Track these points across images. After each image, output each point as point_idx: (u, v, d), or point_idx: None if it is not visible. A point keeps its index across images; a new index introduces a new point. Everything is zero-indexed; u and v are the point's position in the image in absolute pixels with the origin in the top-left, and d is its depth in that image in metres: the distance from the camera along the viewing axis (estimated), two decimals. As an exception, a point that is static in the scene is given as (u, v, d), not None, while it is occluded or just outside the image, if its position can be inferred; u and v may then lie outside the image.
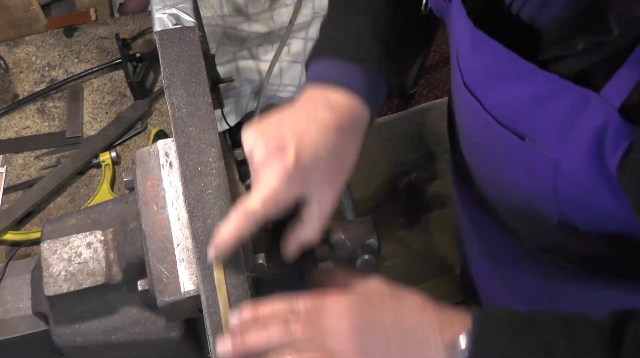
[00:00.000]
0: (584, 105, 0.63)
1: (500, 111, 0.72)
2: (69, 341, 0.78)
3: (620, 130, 0.61)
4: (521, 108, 0.69)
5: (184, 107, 0.79)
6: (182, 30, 0.85)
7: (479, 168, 0.90)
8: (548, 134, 0.68)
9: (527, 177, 0.76)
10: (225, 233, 0.68)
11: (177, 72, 0.81)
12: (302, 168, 0.68)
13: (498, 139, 0.74)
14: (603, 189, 0.68)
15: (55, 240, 0.77)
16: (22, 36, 1.34)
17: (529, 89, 0.67)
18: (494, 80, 0.71)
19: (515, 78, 0.68)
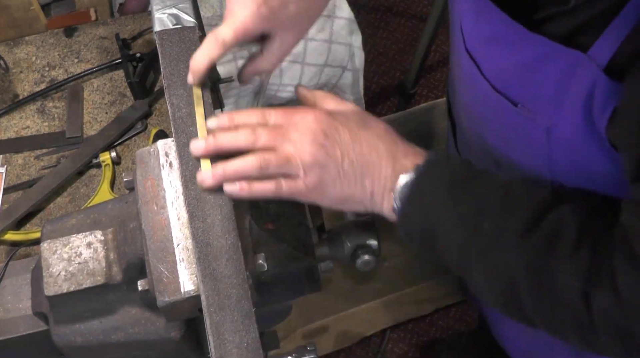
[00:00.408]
0: (574, 67, 0.65)
1: (497, 77, 0.75)
2: (69, 341, 0.78)
3: (607, 89, 0.63)
4: (515, 73, 0.72)
5: (184, 107, 0.79)
6: (182, 30, 0.85)
7: (479, 143, 0.92)
8: (540, 100, 0.71)
9: (522, 146, 0.78)
10: (198, 57, 0.77)
11: (177, 72, 0.81)
12: (270, 7, 0.76)
13: (494, 106, 0.77)
14: (594, 151, 0.70)
15: (55, 240, 0.77)
16: (22, 36, 1.33)
17: (521, 52, 0.70)
18: (492, 44, 0.74)
19: (509, 42, 0.71)
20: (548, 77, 0.68)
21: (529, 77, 0.70)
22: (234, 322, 0.69)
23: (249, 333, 0.68)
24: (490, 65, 0.77)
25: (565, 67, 0.66)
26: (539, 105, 0.72)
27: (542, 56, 0.68)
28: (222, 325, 0.70)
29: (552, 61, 0.67)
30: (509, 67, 0.73)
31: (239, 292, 0.69)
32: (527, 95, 0.72)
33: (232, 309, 0.68)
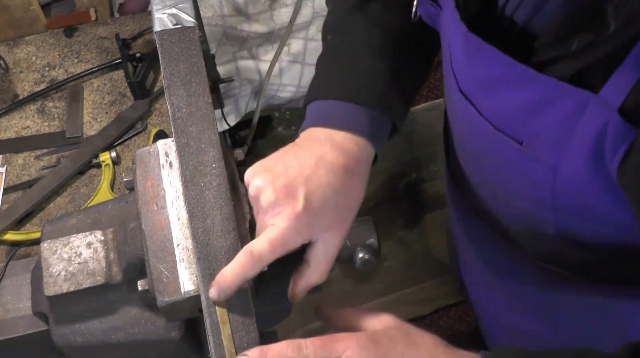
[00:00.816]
0: (583, 107, 0.62)
1: (498, 117, 0.71)
2: (69, 341, 0.78)
3: (620, 131, 0.60)
4: (519, 114, 0.68)
5: (184, 107, 0.79)
6: (182, 30, 0.85)
7: (475, 175, 0.89)
8: (547, 140, 0.67)
9: (523, 184, 0.75)
10: (230, 273, 0.67)
11: (177, 72, 0.81)
12: (311, 212, 0.68)
13: (495, 145, 0.73)
14: (603, 194, 0.67)
15: (55, 240, 0.77)
16: (22, 36, 1.33)
17: (526, 94, 0.66)
18: (491, 86, 0.70)
19: (513, 83, 0.67)
20: (553, 119, 0.65)
21: (534, 117, 0.67)
22: (234, 322, 0.69)
23: (249, 333, 0.68)
24: (489, 107, 0.72)
25: (574, 108, 0.63)
26: (545, 145, 0.68)
27: (550, 97, 0.64)
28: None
29: (560, 101, 0.64)
30: (511, 108, 0.69)
31: (239, 292, 0.69)
32: (532, 135, 0.69)
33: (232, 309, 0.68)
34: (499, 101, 0.70)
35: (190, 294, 0.70)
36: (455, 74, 0.76)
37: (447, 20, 0.74)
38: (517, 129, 0.70)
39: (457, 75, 0.75)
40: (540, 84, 0.64)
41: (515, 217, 0.84)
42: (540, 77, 0.63)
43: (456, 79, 0.76)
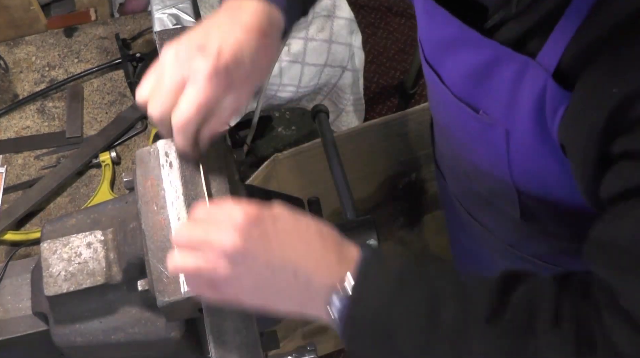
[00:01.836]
0: (523, 72, 0.65)
1: (456, 84, 0.75)
2: (69, 341, 0.78)
3: (556, 95, 0.63)
4: (472, 79, 0.72)
5: None
6: (182, 30, 0.85)
7: (447, 152, 0.93)
8: (497, 104, 0.71)
9: (485, 153, 0.78)
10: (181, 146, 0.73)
11: (177, 72, 0.81)
12: (226, 65, 0.71)
13: (457, 114, 0.77)
14: (548, 157, 0.70)
15: (55, 240, 0.77)
16: (22, 36, 1.34)
17: (476, 57, 0.70)
18: (447, 50, 0.75)
19: (465, 45, 0.71)
20: (501, 82, 0.69)
21: (485, 82, 0.71)
22: (234, 322, 0.69)
23: (249, 333, 0.68)
24: (448, 73, 0.77)
25: (516, 72, 0.66)
26: (496, 111, 0.72)
27: (494, 61, 0.68)
28: (222, 325, 0.70)
29: (503, 66, 0.68)
30: (465, 73, 0.73)
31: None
32: (485, 101, 0.73)
33: (232, 309, 0.68)
34: (455, 66, 0.74)
35: (190, 294, 0.70)
36: (421, 43, 0.81)
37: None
38: (472, 96, 0.74)
39: (423, 43, 0.80)
40: (486, 47, 0.67)
41: (484, 198, 0.88)
42: (484, 41, 0.67)
43: (422, 48, 0.80)
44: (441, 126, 0.90)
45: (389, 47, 2.38)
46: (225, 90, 0.71)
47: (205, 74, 0.70)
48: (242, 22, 0.73)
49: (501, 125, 0.72)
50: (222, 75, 0.70)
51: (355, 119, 1.77)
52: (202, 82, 0.70)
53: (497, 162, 0.77)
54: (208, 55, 0.70)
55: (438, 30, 0.76)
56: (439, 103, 0.84)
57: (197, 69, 0.70)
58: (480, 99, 0.73)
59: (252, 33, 0.73)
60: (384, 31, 2.41)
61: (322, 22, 1.55)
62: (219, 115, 0.73)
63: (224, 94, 0.72)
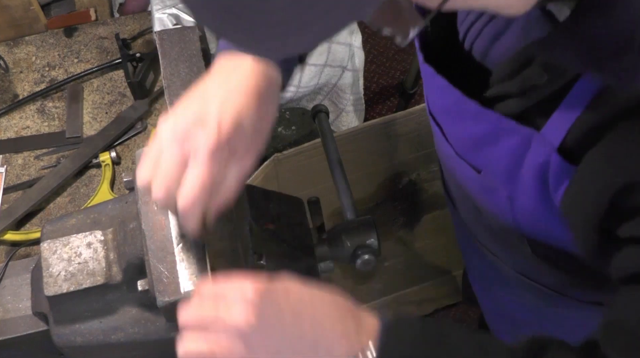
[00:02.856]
0: (528, 143, 0.65)
1: (459, 144, 0.75)
2: (69, 341, 0.78)
3: (560, 169, 0.63)
4: (474, 143, 0.71)
5: None
6: (182, 30, 0.85)
7: (455, 193, 0.93)
8: (500, 170, 0.70)
9: (490, 207, 0.78)
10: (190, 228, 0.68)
11: (177, 72, 0.81)
12: (228, 137, 0.67)
13: (459, 169, 0.77)
14: (553, 222, 0.70)
15: (55, 240, 0.77)
16: (22, 36, 1.34)
17: (477, 126, 0.69)
18: (449, 113, 0.74)
19: (464, 114, 0.70)
20: (504, 151, 0.68)
21: (487, 149, 0.70)
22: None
23: None
24: (451, 132, 0.76)
25: (520, 143, 0.66)
26: (499, 176, 0.71)
27: (497, 131, 0.67)
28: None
29: (507, 136, 0.67)
30: (468, 136, 0.72)
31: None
32: (487, 165, 0.72)
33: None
34: (458, 129, 0.74)
35: (190, 294, 0.70)
36: (426, 97, 0.80)
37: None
38: (474, 157, 0.73)
39: (427, 98, 0.80)
40: (487, 117, 0.67)
41: (492, 233, 0.88)
42: (487, 113, 0.66)
43: (427, 101, 0.80)
44: (446, 168, 0.89)
45: (389, 47, 2.38)
46: (229, 163, 0.68)
47: (207, 151, 0.65)
48: (240, 86, 0.69)
49: (504, 189, 0.72)
50: (225, 149, 0.66)
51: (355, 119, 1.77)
52: (204, 160, 0.65)
53: (501, 213, 0.77)
54: (208, 129, 0.66)
55: (438, 96, 0.74)
56: (441, 152, 0.83)
57: (197, 146, 0.66)
58: (482, 162, 0.73)
59: (251, 97, 0.69)
60: (384, 31, 2.41)
61: (322, 22, 1.55)
62: (224, 190, 0.68)
63: (228, 167, 0.68)
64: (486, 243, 0.95)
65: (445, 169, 0.90)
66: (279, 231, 0.77)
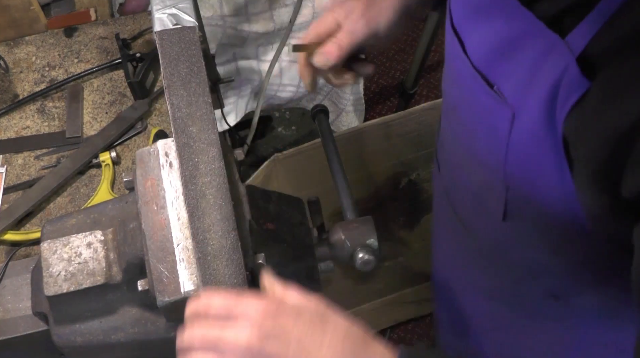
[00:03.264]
0: (549, 50, 0.63)
1: (478, 54, 0.74)
2: (69, 341, 0.78)
3: (574, 80, 0.61)
4: (495, 50, 0.70)
5: (184, 107, 0.79)
6: (182, 30, 0.85)
7: (448, 136, 0.91)
8: (513, 82, 0.69)
9: (485, 136, 0.76)
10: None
11: (177, 72, 0.81)
12: None
13: (470, 88, 0.76)
14: (549, 152, 0.67)
15: (55, 240, 0.77)
16: (22, 36, 1.34)
17: (504, 26, 0.68)
18: (478, 15, 0.73)
19: (497, 13, 0.69)
20: (524, 58, 0.67)
21: (508, 56, 0.69)
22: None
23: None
24: (473, 40, 0.75)
25: (542, 49, 0.64)
26: (511, 87, 0.70)
27: (523, 33, 0.66)
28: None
29: (531, 40, 0.65)
30: (491, 43, 0.71)
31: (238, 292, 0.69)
32: (502, 77, 0.71)
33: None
34: (483, 34, 0.72)
35: (190, 294, 0.70)
36: (450, 9, 0.80)
37: None
38: (491, 69, 0.72)
39: (452, 9, 0.79)
40: (520, 16, 0.65)
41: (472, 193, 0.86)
42: (521, 10, 0.65)
43: (451, 14, 0.79)
44: (449, 106, 0.89)
45: (389, 47, 2.38)
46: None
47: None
48: None
49: (510, 105, 0.70)
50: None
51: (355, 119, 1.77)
52: None
53: (494, 149, 0.75)
54: None
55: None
56: (453, 77, 0.83)
57: None
58: (498, 73, 0.71)
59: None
60: (384, 31, 2.41)
61: (322, 22, 1.55)
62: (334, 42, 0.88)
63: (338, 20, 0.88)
64: (461, 211, 0.94)
65: (449, 100, 0.88)
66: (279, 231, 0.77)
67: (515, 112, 0.69)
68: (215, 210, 0.72)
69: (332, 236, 0.85)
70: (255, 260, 0.73)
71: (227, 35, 1.45)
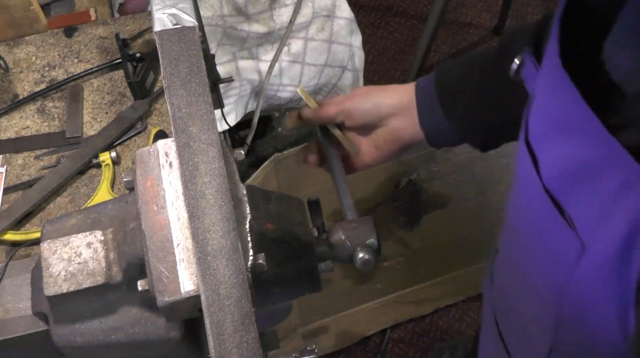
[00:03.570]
0: (632, 183, 0.58)
1: (551, 174, 0.68)
2: (69, 341, 0.78)
3: None
4: (572, 173, 0.65)
5: (184, 107, 0.79)
6: (182, 30, 0.85)
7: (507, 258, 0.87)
8: (587, 211, 0.63)
9: (547, 266, 0.71)
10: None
11: (177, 72, 0.81)
12: None
13: (537, 212, 0.70)
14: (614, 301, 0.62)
15: (55, 240, 0.77)
16: (22, 36, 1.34)
17: (586, 150, 0.62)
18: (557, 134, 0.67)
19: (578, 134, 0.63)
20: (602, 187, 0.61)
21: (584, 181, 0.63)
22: (233, 322, 0.69)
23: (249, 333, 0.68)
24: (548, 160, 0.69)
25: (623, 181, 0.59)
26: (584, 218, 0.64)
27: (604, 160, 0.60)
28: (222, 325, 0.70)
29: (612, 169, 0.60)
30: (567, 164, 0.65)
31: (239, 292, 0.69)
32: (576, 203, 0.65)
33: (232, 309, 0.68)
34: (559, 153, 0.66)
35: (190, 294, 0.70)
36: (527, 124, 0.73)
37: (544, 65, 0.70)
38: (563, 193, 0.66)
39: (529, 124, 0.73)
40: (604, 142, 0.59)
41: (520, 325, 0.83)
42: (605, 135, 0.58)
43: (526, 129, 0.73)
44: (511, 226, 0.83)
45: (389, 47, 2.38)
46: None
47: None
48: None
49: (580, 237, 0.64)
50: None
51: (355, 119, 1.77)
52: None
53: (554, 282, 0.70)
54: None
55: (558, 108, 0.66)
56: (520, 196, 0.77)
57: None
58: (571, 200, 0.66)
59: None
60: (384, 31, 2.41)
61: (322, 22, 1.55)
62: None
63: None
64: (507, 336, 0.89)
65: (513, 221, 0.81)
66: (279, 231, 0.77)
67: (585, 245, 0.63)
68: (215, 210, 0.72)
69: (332, 236, 0.85)
70: (255, 260, 0.73)
71: (227, 35, 1.45)
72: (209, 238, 0.71)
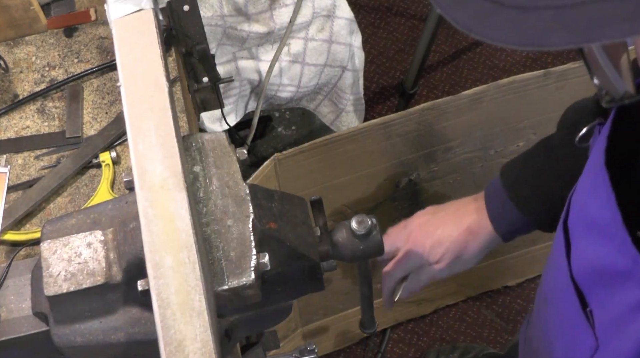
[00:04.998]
0: None
1: (580, 266, 0.68)
2: (69, 341, 0.78)
3: None
4: (599, 272, 0.65)
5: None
6: (140, 16, 0.83)
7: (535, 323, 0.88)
8: (607, 313, 0.64)
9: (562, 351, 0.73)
10: None
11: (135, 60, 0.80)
12: None
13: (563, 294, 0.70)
14: None
15: (55, 240, 0.77)
16: (22, 36, 1.33)
17: (612, 254, 0.62)
18: (590, 228, 0.67)
19: (607, 236, 0.63)
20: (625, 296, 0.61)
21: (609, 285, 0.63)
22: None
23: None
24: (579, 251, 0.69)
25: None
26: (603, 318, 0.65)
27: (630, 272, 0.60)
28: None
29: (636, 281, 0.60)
30: (595, 263, 0.65)
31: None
32: (598, 302, 0.66)
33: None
34: (590, 249, 0.67)
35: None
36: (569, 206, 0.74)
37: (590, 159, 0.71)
38: (589, 288, 0.67)
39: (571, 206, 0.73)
40: (629, 254, 0.59)
41: None
42: (630, 248, 0.59)
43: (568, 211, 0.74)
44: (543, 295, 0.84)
45: (389, 47, 2.38)
46: None
47: None
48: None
49: (596, 336, 0.65)
50: None
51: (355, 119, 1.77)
52: None
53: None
54: None
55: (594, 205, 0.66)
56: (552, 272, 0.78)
57: None
58: (595, 297, 0.66)
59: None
60: (384, 31, 2.41)
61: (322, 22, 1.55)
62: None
63: None
64: None
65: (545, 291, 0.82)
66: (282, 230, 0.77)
67: (600, 345, 0.64)
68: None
69: (334, 236, 0.85)
70: (258, 259, 0.73)
71: (227, 35, 1.45)
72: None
